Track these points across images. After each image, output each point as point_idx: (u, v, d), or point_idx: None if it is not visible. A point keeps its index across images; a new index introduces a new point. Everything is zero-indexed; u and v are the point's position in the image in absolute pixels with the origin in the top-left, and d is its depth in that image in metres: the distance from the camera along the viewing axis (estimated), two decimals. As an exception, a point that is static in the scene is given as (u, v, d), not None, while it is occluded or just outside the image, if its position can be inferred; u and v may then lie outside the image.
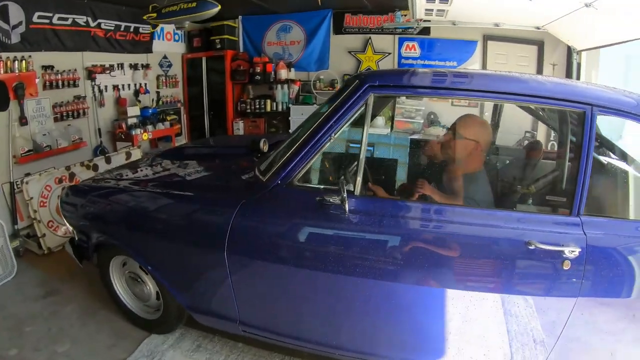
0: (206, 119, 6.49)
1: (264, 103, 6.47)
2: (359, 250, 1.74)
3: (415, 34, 6.70)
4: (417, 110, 6.60)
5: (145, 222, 2.20)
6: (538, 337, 1.69)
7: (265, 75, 6.32)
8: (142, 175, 2.76)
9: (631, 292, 1.66)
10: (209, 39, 6.32)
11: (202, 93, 6.40)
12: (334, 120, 1.83)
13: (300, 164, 1.86)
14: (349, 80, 2.03)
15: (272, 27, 6.63)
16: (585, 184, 1.65)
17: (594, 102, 1.69)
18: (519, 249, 1.63)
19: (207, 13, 4.08)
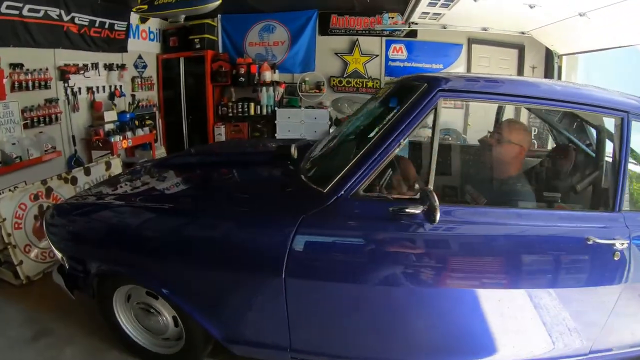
0: (184, 123, 6.25)
1: (247, 106, 6.33)
2: (447, 261, 1.76)
3: (402, 36, 6.80)
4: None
5: (166, 245, 1.92)
6: (584, 324, 1.90)
7: (250, 77, 6.19)
8: (148, 189, 2.47)
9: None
10: (187, 38, 6.12)
11: (180, 96, 6.16)
12: (404, 125, 1.74)
13: (367, 172, 1.73)
14: (410, 84, 1.96)
15: (254, 27, 6.53)
16: (624, 183, 1.86)
17: (630, 109, 1.89)
18: (580, 244, 1.77)
19: (207, 7, 3.94)
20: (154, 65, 6.05)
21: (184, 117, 6.23)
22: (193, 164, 2.95)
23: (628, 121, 1.86)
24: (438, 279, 1.74)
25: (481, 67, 7.27)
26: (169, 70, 6.14)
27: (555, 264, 1.82)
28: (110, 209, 2.16)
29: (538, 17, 5.41)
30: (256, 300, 1.89)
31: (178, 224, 1.97)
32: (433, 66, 7.06)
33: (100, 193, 2.35)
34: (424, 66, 7.03)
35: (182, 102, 6.18)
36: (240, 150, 3.49)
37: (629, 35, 5.33)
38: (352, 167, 1.76)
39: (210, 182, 2.59)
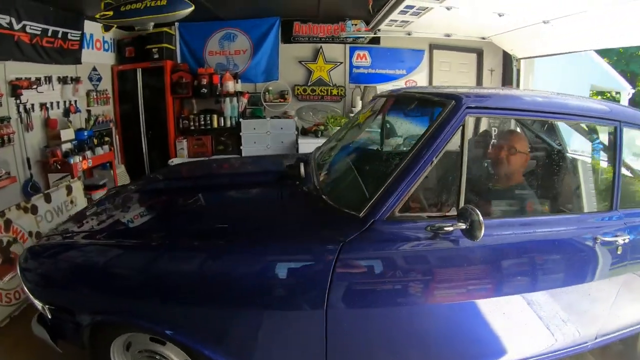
0: (143, 139, 6.05)
1: (209, 119, 6.24)
2: (492, 271, 1.88)
3: (365, 43, 6.96)
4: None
5: (181, 284, 1.77)
6: (594, 313, 2.21)
7: (212, 88, 6.11)
8: (145, 221, 2.29)
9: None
10: (144, 48, 5.96)
11: (138, 110, 5.97)
12: (436, 144, 1.78)
13: (402, 193, 1.76)
14: (433, 100, 2.09)
15: (214, 35, 6.47)
16: (619, 184, 2.15)
17: (622, 119, 2.18)
18: (592, 243, 2.03)
19: (179, 13, 3.84)
20: (109, 78, 5.83)
21: (143, 132, 6.04)
22: (186, 189, 2.80)
23: (620, 129, 2.15)
24: (485, 289, 1.86)
25: (442, 72, 7.61)
26: (126, 82, 5.94)
27: (575, 262, 2.04)
28: (99, 248, 1.94)
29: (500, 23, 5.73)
30: (290, 336, 1.80)
31: (197, 260, 1.81)
32: (396, 72, 7.31)
33: (79, 229, 2.17)
34: (388, 72, 7.27)
35: (141, 116, 5.99)
36: (235, 171, 3.38)
37: (584, 41, 5.75)
38: (387, 188, 1.78)
39: (219, 208, 2.47)
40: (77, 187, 4.20)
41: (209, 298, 1.74)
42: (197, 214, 2.36)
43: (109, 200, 2.64)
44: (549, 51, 7.04)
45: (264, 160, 3.72)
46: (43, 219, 3.55)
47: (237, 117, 6.33)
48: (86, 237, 2.07)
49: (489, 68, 7.80)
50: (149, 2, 3.79)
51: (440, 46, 7.45)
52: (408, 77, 7.40)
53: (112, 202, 2.57)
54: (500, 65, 7.81)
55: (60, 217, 3.78)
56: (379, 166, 2.12)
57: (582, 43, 6.30)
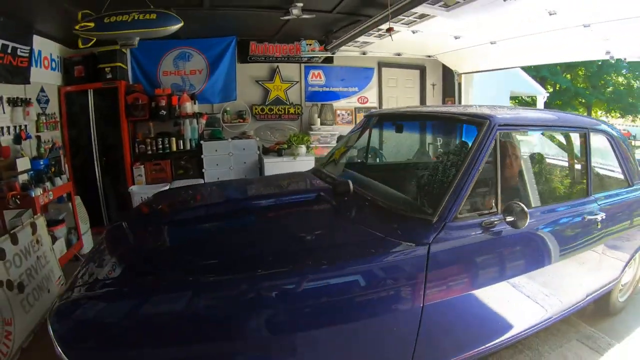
0: (96, 166, 5.56)
1: (168, 142, 5.91)
2: (539, 246, 2.47)
3: (319, 62, 7.09)
4: (332, 135, 6.98)
5: (288, 314, 1.76)
6: (586, 278, 2.88)
7: (171, 110, 5.80)
8: (206, 253, 2.08)
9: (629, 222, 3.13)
10: (95, 67, 5.52)
11: (90, 135, 5.47)
12: (481, 156, 2.19)
13: (460, 200, 2.10)
14: (475, 122, 2.40)
15: (169, 55, 6.20)
16: (591, 175, 2.84)
17: (588, 126, 2.93)
18: (582, 221, 2.69)
19: (168, 29, 3.63)
20: (56, 100, 5.30)
21: (96, 158, 5.54)
22: (227, 215, 2.62)
23: (588, 134, 2.87)
24: (537, 260, 2.41)
25: (390, 88, 8.02)
26: (75, 104, 5.41)
27: (578, 235, 2.69)
28: (171, 295, 1.71)
29: (448, 43, 6.17)
30: (388, 336, 1.96)
31: (293, 287, 1.79)
32: (349, 89, 7.55)
33: (113, 275, 1.91)
34: (341, 90, 7.49)
35: (93, 141, 5.49)
36: (262, 191, 3.21)
37: (520, 59, 6.61)
38: (451, 196, 2.11)
39: (283, 230, 2.40)
40: (41, 224, 3.77)
41: (316, 321, 1.78)
42: (263, 239, 2.27)
43: (131, 236, 2.40)
44: (488, 67, 7.73)
45: (272, 181, 3.70)
46: (12, 264, 3.13)
47: (198, 139, 6.07)
48: (137, 284, 1.80)
49: (431, 82, 8.35)
50: (137, 15, 3.56)
51: (388, 64, 7.85)
52: (360, 94, 7.67)
53: (137, 238, 2.36)
54: (441, 80, 8.40)
55: (29, 260, 3.36)
56: (432, 176, 2.40)
57: (517, 60, 7.02)
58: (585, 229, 2.69)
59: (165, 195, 3.38)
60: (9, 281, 3.01)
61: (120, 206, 5.69)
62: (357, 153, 3.54)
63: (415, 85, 8.42)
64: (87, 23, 3.70)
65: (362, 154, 3.52)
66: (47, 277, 3.60)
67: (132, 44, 3.99)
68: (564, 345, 3.06)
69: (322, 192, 2.75)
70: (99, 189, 5.62)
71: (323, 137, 6.99)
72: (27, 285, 3.24)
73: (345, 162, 3.45)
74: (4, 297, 2.91)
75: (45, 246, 3.73)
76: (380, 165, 3.70)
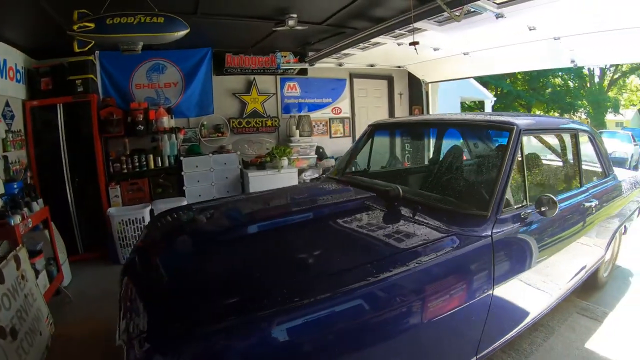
0: (68, 188, 5.07)
1: (145, 159, 5.54)
2: (562, 225, 2.87)
3: (294, 74, 7.03)
4: (311, 146, 6.95)
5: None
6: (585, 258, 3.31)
7: (149, 125, 5.45)
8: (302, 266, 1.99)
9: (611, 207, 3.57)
10: (65, 79, 5.03)
11: (60, 154, 4.98)
12: (513, 157, 2.50)
13: (504, 195, 2.39)
14: (505, 128, 2.69)
15: (141, 67, 5.85)
16: (581, 168, 3.28)
17: (577, 127, 3.44)
18: (582, 208, 3.08)
19: (174, 35, 3.36)
20: (21, 115, 4.77)
21: (67, 180, 5.05)
22: (286, 228, 2.48)
23: (577, 134, 3.32)
24: (566, 233, 2.89)
25: (360, 98, 8.12)
26: (42, 120, 4.91)
27: (579, 220, 3.05)
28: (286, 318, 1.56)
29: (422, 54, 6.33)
30: (465, 323, 2.13)
31: (409, 283, 1.86)
32: (324, 100, 7.55)
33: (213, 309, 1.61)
34: (316, 101, 7.46)
35: (64, 160, 5.00)
36: (313, 203, 3.02)
37: (487, 68, 7.13)
38: (496, 196, 2.38)
39: (364, 237, 2.33)
40: (24, 257, 3.37)
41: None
42: (344, 248, 2.20)
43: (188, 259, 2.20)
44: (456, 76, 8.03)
45: (297, 192, 3.62)
46: (1, 307, 2.72)
47: (177, 155, 5.75)
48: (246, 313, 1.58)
49: (399, 92, 8.54)
50: (143, 17, 3.27)
51: (358, 75, 7.96)
52: (334, 104, 7.69)
53: (196, 261, 2.15)
54: (407, 89, 8.62)
55: (17, 300, 2.96)
56: (478, 176, 2.81)
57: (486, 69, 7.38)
58: (584, 214, 3.09)
59: (195, 212, 3.12)
60: (1, 328, 2.61)
61: (96, 231, 5.24)
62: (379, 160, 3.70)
63: (384, 95, 8.59)
64: (86, 24, 3.31)
65: (390, 160, 3.63)
66: (36, 317, 3.19)
67: (135, 50, 3.67)
68: (568, 318, 3.44)
69: (366, 199, 2.79)
70: (72, 213, 5.13)
71: (302, 149, 6.88)
72: (20, 330, 2.83)
73: (371, 170, 3.71)
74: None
75: (30, 282, 3.33)
76: (410, 170, 3.93)
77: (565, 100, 23.06)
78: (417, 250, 2.02)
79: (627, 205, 3.90)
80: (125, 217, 5.05)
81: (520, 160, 2.58)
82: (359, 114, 8.16)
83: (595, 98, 23.91)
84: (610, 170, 3.78)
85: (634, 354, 2.95)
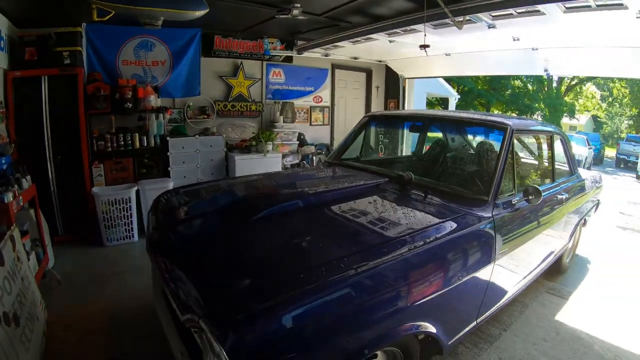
0: (50, 166, 4.83)
1: (130, 138, 5.38)
2: (543, 211, 3.33)
3: (280, 61, 7.03)
4: (294, 132, 7.01)
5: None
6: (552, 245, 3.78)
7: (137, 103, 5.29)
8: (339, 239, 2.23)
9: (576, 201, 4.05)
10: (51, 49, 4.71)
11: (42, 129, 4.72)
12: (509, 152, 2.89)
13: (500, 184, 2.77)
14: (500, 127, 3.06)
15: (129, 43, 5.62)
16: (554, 166, 3.78)
17: (552, 130, 3.92)
18: (556, 199, 3.55)
19: (194, 13, 3.30)
20: (1, 86, 4.44)
21: (49, 157, 4.80)
22: (303, 209, 2.60)
23: (552, 136, 3.83)
24: (542, 221, 3.29)
25: (340, 89, 8.24)
26: (25, 93, 4.59)
27: (555, 209, 3.54)
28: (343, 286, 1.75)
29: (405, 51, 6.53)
30: (470, 294, 2.53)
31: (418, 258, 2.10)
32: (306, 89, 7.63)
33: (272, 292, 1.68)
34: (299, 89, 7.53)
35: (46, 137, 4.73)
36: (325, 186, 3.18)
37: (464, 69, 7.84)
38: (495, 184, 2.75)
39: (370, 218, 2.51)
40: (18, 238, 3.21)
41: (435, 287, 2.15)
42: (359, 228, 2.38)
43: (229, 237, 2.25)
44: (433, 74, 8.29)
45: (308, 175, 3.79)
46: (4, 291, 2.53)
47: (163, 135, 5.62)
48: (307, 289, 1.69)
49: (376, 85, 8.74)
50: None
51: (340, 66, 8.05)
52: (316, 93, 7.77)
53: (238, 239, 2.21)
54: (384, 83, 8.82)
55: (16, 283, 2.79)
56: (478, 166, 3.15)
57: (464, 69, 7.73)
58: (558, 205, 3.55)
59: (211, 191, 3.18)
60: (5, 314, 2.44)
61: (77, 211, 5.05)
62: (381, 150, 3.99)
63: (362, 87, 8.75)
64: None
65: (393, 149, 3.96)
66: (33, 302, 3.02)
67: (155, 25, 3.56)
68: (539, 296, 3.96)
69: (379, 183, 3.13)
70: (52, 192, 4.90)
71: (285, 135, 6.91)
72: (21, 315, 2.67)
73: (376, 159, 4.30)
74: (4, 335, 2.33)
75: (24, 264, 3.14)
76: (414, 158, 4.27)
77: (524, 102, 24.26)
78: (440, 225, 2.40)
79: (588, 202, 4.41)
80: (111, 197, 4.91)
81: (511, 156, 2.94)
82: (338, 104, 8.28)
83: (553, 102, 25.45)
84: (575, 169, 4.28)
85: (596, 325, 3.45)
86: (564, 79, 26.18)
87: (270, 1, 4.42)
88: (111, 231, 4.97)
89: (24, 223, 3.90)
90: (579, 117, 29.88)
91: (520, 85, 24.96)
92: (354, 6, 4.61)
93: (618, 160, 19.44)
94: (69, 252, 4.74)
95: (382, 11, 4.79)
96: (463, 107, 21.08)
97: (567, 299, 3.94)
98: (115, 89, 5.24)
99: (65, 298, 3.73)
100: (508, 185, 2.90)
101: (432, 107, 19.76)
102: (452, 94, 14.94)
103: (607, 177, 8.13)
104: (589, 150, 15.35)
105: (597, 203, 4.80)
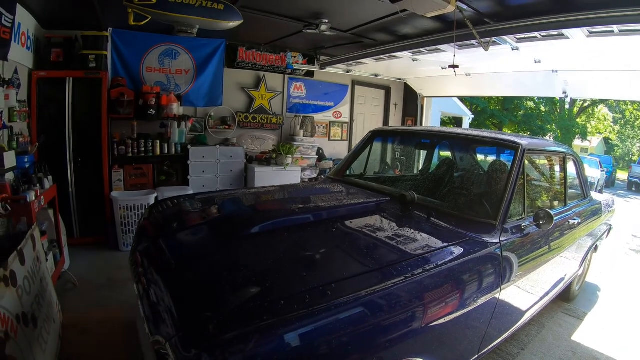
0: (70, 168, 4.66)
1: (151, 145, 5.21)
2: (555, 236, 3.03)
3: (302, 75, 6.88)
4: (313, 147, 6.82)
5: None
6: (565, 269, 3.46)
7: (159, 110, 5.13)
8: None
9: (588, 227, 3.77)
10: (77, 52, 4.61)
11: (65, 130, 4.57)
12: (519, 173, 2.64)
13: (509, 207, 2.52)
14: (511, 147, 2.82)
15: (154, 50, 5.48)
16: (567, 189, 3.47)
17: (565, 151, 3.57)
18: (568, 224, 3.19)
19: (228, 24, 3.17)
20: (26, 85, 4.31)
21: (70, 159, 4.64)
22: (303, 226, 2.36)
23: (565, 157, 3.49)
24: (552, 246, 2.96)
25: (359, 105, 8.05)
26: (49, 93, 4.48)
27: (566, 234, 3.21)
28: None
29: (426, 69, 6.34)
30: (475, 321, 2.22)
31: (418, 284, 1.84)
32: (326, 104, 7.42)
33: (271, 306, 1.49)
34: (319, 103, 7.33)
35: (68, 138, 4.59)
36: (338, 205, 2.84)
37: (482, 90, 7.78)
38: (504, 207, 2.50)
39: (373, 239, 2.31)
40: (38, 238, 3.02)
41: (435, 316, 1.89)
42: (364, 248, 2.17)
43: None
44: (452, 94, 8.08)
45: (311, 191, 3.44)
46: (23, 291, 2.37)
47: (185, 143, 5.45)
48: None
49: (394, 102, 8.52)
50: (205, 1, 3.02)
51: (360, 82, 7.88)
52: (335, 108, 7.57)
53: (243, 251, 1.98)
54: (402, 100, 8.61)
55: (35, 283, 2.61)
56: (486, 187, 2.91)
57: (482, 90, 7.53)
58: (569, 230, 3.24)
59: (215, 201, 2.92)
60: (24, 315, 2.27)
61: (94, 215, 4.85)
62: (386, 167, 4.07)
63: (380, 104, 8.55)
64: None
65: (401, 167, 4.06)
66: (50, 303, 2.85)
67: (190, 33, 3.44)
68: (555, 316, 3.86)
69: (380, 202, 2.83)
70: (71, 195, 4.72)
71: (305, 149, 6.69)
72: (39, 317, 2.50)
73: (380, 176, 3.97)
74: (22, 336, 2.15)
75: (43, 265, 2.98)
76: (420, 177, 3.88)
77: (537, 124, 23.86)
78: (442, 251, 2.14)
79: (600, 226, 4.11)
80: (129, 202, 4.71)
81: (522, 177, 2.69)
82: (357, 120, 8.08)
83: (565, 124, 24.88)
84: (588, 193, 4.02)
85: (614, 346, 3.39)
86: (576, 100, 25.75)
87: (299, 16, 4.26)
88: (128, 236, 4.75)
89: (42, 223, 3.73)
90: (591, 139, 29.32)
91: (532, 107, 24.59)
92: (381, 24, 4.44)
93: (630, 183, 18.94)
94: (85, 255, 4.55)
95: (407, 30, 4.62)
96: (476, 127, 20.79)
97: (582, 319, 3.85)
98: (138, 95, 5.10)
99: (81, 301, 3.55)
100: (517, 208, 2.67)
101: (445, 126, 19.50)
102: (466, 114, 14.65)
103: (619, 200, 7.83)
104: (602, 173, 14.86)
105: (609, 228, 4.48)
